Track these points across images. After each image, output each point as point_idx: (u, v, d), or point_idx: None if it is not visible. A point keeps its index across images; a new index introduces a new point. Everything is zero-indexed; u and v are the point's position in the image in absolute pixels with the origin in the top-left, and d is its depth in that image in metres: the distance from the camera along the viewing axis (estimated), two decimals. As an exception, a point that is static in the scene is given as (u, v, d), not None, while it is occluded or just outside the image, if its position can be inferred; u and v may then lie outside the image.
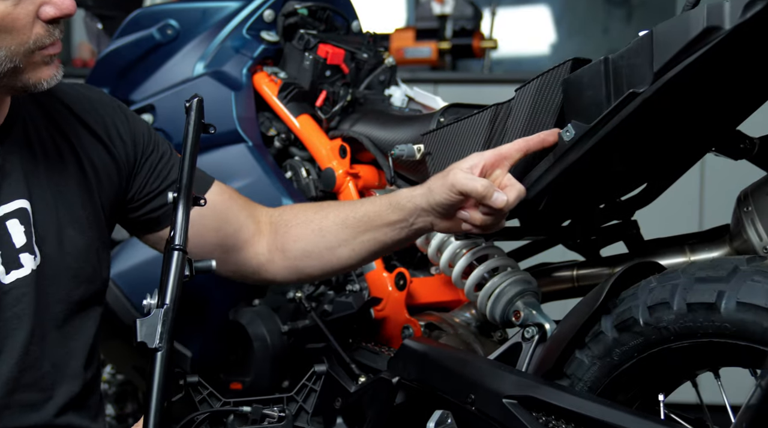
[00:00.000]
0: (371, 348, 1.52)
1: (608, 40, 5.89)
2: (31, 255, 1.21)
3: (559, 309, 1.42)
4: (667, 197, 1.45)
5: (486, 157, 1.23)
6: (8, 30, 1.10)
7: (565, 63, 1.23)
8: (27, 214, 1.22)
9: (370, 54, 1.73)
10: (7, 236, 1.19)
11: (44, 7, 1.12)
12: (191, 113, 1.21)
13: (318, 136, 1.65)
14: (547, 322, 1.36)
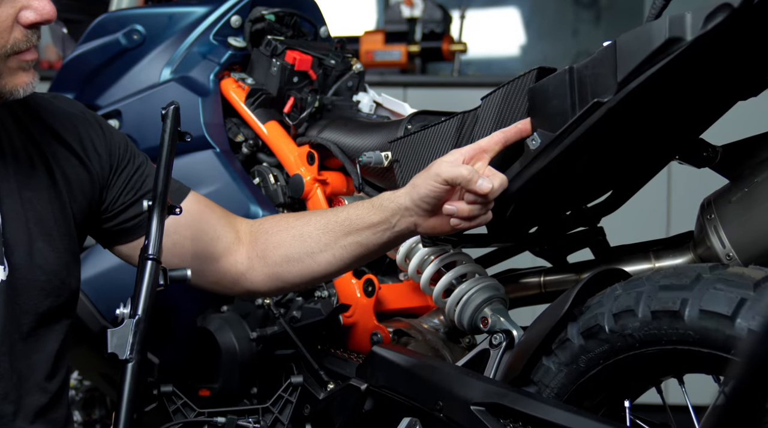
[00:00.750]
0: (340, 354, 1.52)
1: (577, 42, 5.95)
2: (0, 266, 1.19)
3: (527, 316, 1.43)
4: (634, 204, 1.47)
5: (465, 151, 1.22)
6: None
7: (530, 72, 1.24)
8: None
9: (338, 60, 1.73)
10: None
11: (24, 11, 1.11)
12: (167, 120, 1.20)
13: (286, 142, 1.65)
14: (515, 329, 1.37)
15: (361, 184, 1.49)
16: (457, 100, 3.78)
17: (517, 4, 5.81)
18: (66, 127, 1.30)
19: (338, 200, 1.60)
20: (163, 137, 1.19)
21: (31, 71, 1.16)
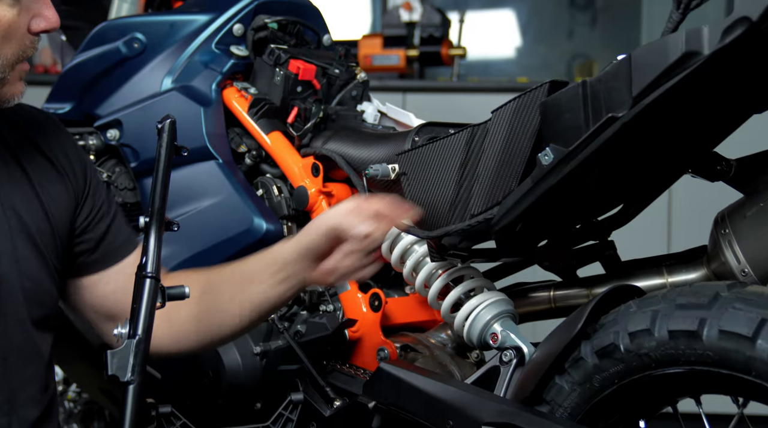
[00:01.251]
0: (346, 371, 1.50)
1: (573, 44, 5.93)
2: None
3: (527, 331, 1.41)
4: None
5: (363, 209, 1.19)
6: (12, 38, 1.10)
7: (542, 85, 1.22)
8: None
9: (342, 69, 1.70)
10: None
11: (36, 19, 1.12)
12: (163, 134, 1.17)
13: (290, 153, 1.62)
14: (525, 345, 1.35)
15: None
16: (457, 105, 3.78)
17: (513, 7, 5.79)
18: (44, 137, 1.29)
19: (343, 212, 1.57)
20: (159, 152, 1.16)
21: (23, 80, 1.17)
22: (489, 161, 1.27)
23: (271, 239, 1.58)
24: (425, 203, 1.36)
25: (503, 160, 1.25)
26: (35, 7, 1.13)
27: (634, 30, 5.72)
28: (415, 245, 1.51)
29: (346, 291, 1.55)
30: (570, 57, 5.94)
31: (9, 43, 1.10)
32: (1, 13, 1.09)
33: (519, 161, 1.23)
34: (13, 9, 1.09)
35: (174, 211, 1.64)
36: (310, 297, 1.58)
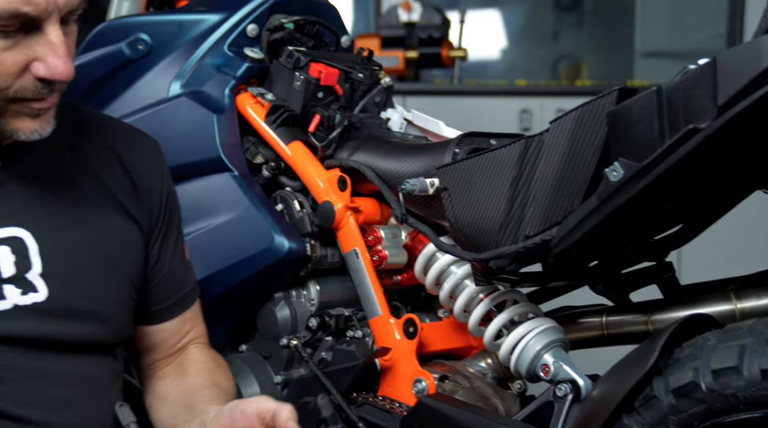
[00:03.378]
0: (379, 404, 1.37)
1: (558, 46, 5.85)
2: (18, 289, 1.09)
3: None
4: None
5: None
6: None
7: (610, 93, 1.10)
8: (22, 245, 1.11)
9: (366, 74, 1.57)
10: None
11: (36, 63, 1.03)
12: None
13: (313, 165, 1.49)
14: (581, 379, 1.22)
15: (405, 215, 1.34)
16: (458, 108, 3.67)
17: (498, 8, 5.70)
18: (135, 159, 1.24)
19: (372, 229, 1.44)
20: None
21: (42, 118, 1.07)
22: (546, 177, 1.14)
23: (294, 259, 1.45)
24: (470, 221, 1.23)
25: (563, 175, 1.13)
26: (40, 51, 1.03)
27: (626, 31, 5.65)
28: (453, 267, 1.38)
29: (376, 316, 1.42)
30: (555, 59, 5.86)
31: None
32: None
33: (582, 176, 1.11)
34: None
35: (188, 227, 1.50)
36: (336, 322, 1.45)
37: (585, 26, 5.98)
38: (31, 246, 1.11)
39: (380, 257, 1.42)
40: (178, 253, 1.32)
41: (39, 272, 1.11)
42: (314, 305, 1.50)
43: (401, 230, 1.46)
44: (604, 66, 5.72)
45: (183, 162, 1.54)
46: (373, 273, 1.43)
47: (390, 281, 1.47)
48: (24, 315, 1.09)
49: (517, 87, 4.12)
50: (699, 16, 5.13)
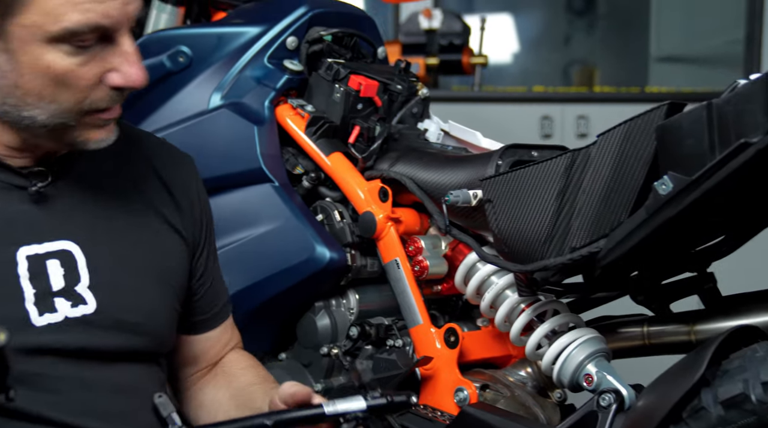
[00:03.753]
0: (421, 412, 1.38)
1: (570, 51, 5.86)
2: (67, 301, 1.10)
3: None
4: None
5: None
6: (67, 86, 1.03)
7: (659, 107, 1.11)
8: (71, 258, 1.12)
9: (404, 85, 1.59)
10: (44, 277, 1.09)
11: (112, 73, 1.05)
12: None
13: (353, 176, 1.51)
14: (625, 389, 1.24)
15: (448, 226, 1.36)
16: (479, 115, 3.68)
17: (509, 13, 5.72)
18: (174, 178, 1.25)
19: (413, 240, 1.46)
20: None
21: (107, 127, 1.10)
22: (593, 190, 1.16)
23: (334, 269, 1.47)
24: (515, 233, 1.25)
25: (611, 188, 1.14)
26: (115, 62, 1.05)
27: (641, 36, 5.65)
28: (493, 277, 1.40)
29: (417, 326, 1.44)
30: (567, 63, 5.87)
31: (66, 91, 1.04)
32: (54, 60, 1.02)
33: (630, 189, 1.12)
34: (72, 58, 1.02)
35: (227, 237, 1.53)
36: (377, 331, 1.47)
37: (598, 31, 5.98)
38: (79, 259, 1.12)
39: (421, 267, 1.43)
40: (217, 265, 1.34)
41: (87, 284, 1.12)
42: (353, 314, 1.51)
43: (441, 240, 1.48)
44: (617, 71, 5.73)
45: (223, 173, 1.56)
46: (413, 283, 1.45)
47: (430, 290, 1.49)
48: (74, 327, 1.10)
49: (538, 94, 4.14)
50: (714, 21, 5.12)
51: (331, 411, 1.02)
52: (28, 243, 1.09)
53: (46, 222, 1.11)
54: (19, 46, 1.01)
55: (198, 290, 1.29)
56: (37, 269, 1.09)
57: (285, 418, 1.02)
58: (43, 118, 1.04)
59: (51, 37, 1.00)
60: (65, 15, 0.99)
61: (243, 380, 1.30)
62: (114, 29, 1.03)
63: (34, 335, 1.07)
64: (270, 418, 1.01)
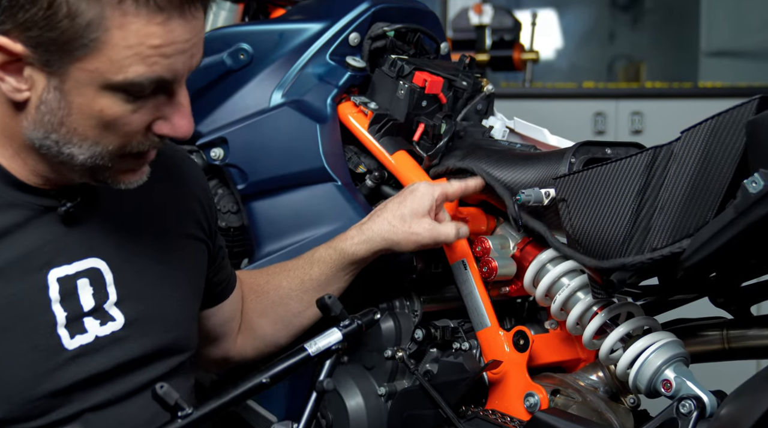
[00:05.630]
0: (490, 418, 1.35)
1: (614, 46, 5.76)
2: (96, 320, 1.10)
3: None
4: None
5: (435, 194, 1.36)
6: (114, 131, 1.01)
7: (750, 102, 1.06)
8: (100, 275, 1.12)
9: (469, 82, 1.55)
10: (75, 298, 1.09)
11: (160, 122, 1.04)
12: None
13: (419, 175, 1.47)
14: (706, 395, 1.19)
15: (520, 218, 1.31)
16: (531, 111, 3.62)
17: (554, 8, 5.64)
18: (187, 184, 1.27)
19: (480, 240, 1.42)
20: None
21: (141, 170, 1.09)
22: (676, 188, 1.11)
23: (399, 270, 1.44)
24: (591, 232, 1.21)
25: (696, 186, 1.10)
26: (167, 111, 1.04)
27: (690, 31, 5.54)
28: (565, 278, 1.36)
29: (485, 328, 1.40)
30: (611, 59, 5.77)
31: (112, 134, 1.02)
32: (108, 105, 1.00)
33: (717, 188, 1.08)
34: (126, 104, 1.00)
35: (289, 238, 1.51)
36: (442, 334, 1.44)
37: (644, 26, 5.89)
38: (107, 276, 1.12)
39: (490, 268, 1.40)
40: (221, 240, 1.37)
41: (114, 301, 1.12)
42: (418, 316, 1.48)
43: (509, 240, 1.44)
44: (666, 66, 5.63)
45: (285, 172, 1.54)
46: (481, 284, 1.41)
47: (497, 292, 1.45)
48: (105, 346, 1.10)
49: (589, 89, 4.06)
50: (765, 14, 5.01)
51: (314, 351, 1.12)
52: (59, 264, 1.08)
53: (75, 241, 1.10)
54: (74, 86, 0.99)
55: (218, 275, 1.35)
56: (68, 291, 1.08)
57: (278, 371, 1.11)
58: (82, 157, 1.03)
59: (110, 85, 0.98)
60: (130, 67, 0.97)
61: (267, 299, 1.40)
62: (174, 81, 1.02)
63: (67, 360, 1.06)
64: (265, 375, 1.09)
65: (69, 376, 1.06)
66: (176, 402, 0.99)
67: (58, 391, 1.04)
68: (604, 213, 1.19)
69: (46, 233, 1.07)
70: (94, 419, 1.07)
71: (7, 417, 1.02)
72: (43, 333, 1.05)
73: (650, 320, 1.30)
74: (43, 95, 1.00)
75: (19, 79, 1.00)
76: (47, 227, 1.08)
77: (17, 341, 1.03)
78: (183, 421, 0.99)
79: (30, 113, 1.01)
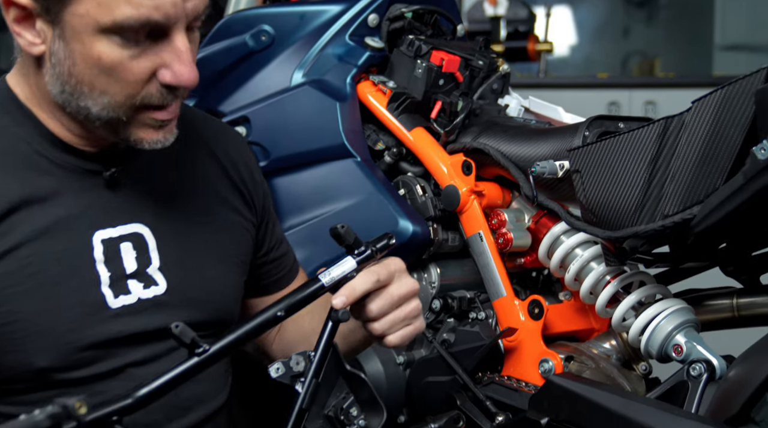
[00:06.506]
0: (506, 383, 1.39)
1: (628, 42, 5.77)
2: (140, 283, 1.14)
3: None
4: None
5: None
6: (117, 78, 1.03)
7: (759, 71, 1.10)
8: (143, 240, 1.15)
9: (485, 61, 1.59)
10: (118, 260, 1.13)
11: (162, 70, 1.05)
12: None
13: (436, 150, 1.52)
14: (716, 358, 1.23)
15: (536, 196, 1.36)
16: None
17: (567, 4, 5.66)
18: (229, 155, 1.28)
19: (496, 213, 1.47)
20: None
21: (165, 129, 1.10)
22: (687, 156, 1.15)
23: (418, 243, 1.48)
24: (604, 202, 1.25)
25: (706, 154, 1.13)
26: (166, 58, 1.04)
27: (704, 25, 5.55)
28: (578, 249, 1.40)
29: (501, 298, 1.44)
30: (625, 55, 5.79)
31: (116, 83, 1.04)
32: (104, 50, 1.02)
33: (726, 155, 1.12)
34: (123, 50, 1.02)
35: (311, 212, 1.56)
36: (459, 304, 1.48)
37: (657, 22, 5.89)
38: (150, 242, 1.15)
39: (506, 239, 1.44)
40: (279, 229, 1.38)
41: (157, 266, 1.15)
42: (435, 287, 1.52)
43: (524, 214, 1.48)
44: (680, 60, 5.64)
45: (306, 149, 1.58)
46: (497, 255, 1.45)
47: (512, 264, 1.49)
48: (148, 308, 1.14)
49: (603, 79, 4.09)
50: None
51: (328, 281, 1.11)
52: (104, 227, 1.12)
53: (119, 206, 1.14)
54: (72, 34, 1.02)
55: (266, 256, 1.33)
56: (112, 253, 1.12)
57: (293, 302, 1.10)
58: (96, 109, 1.05)
59: (102, 28, 1.00)
60: (117, 8, 0.99)
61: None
62: (168, 26, 1.02)
63: (110, 317, 1.10)
64: (280, 308, 1.08)
65: (112, 332, 1.10)
66: (192, 339, 1.01)
67: (101, 345, 1.09)
68: (617, 183, 1.23)
69: (91, 197, 1.12)
70: (136, 373, 1.11)
71: (55, 365, 1.06)
72: (89, 290, 1.09)
73: (662, 288, 1.34)
74: (52, 47, 1.04)
75: (33, 33, 1.04)
76: (93, 190, 1.12)
77: (65, 295, 1.07)
78: (200, 357, 1.01)
79: (47, 67, 1.06)
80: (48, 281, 1.07)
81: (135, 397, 0.96)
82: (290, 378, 1.07)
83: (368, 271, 1.11)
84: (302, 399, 1.06)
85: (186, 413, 1.17)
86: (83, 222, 1.11)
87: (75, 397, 0.83)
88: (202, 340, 1.02)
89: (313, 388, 1.07)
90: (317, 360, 1.07)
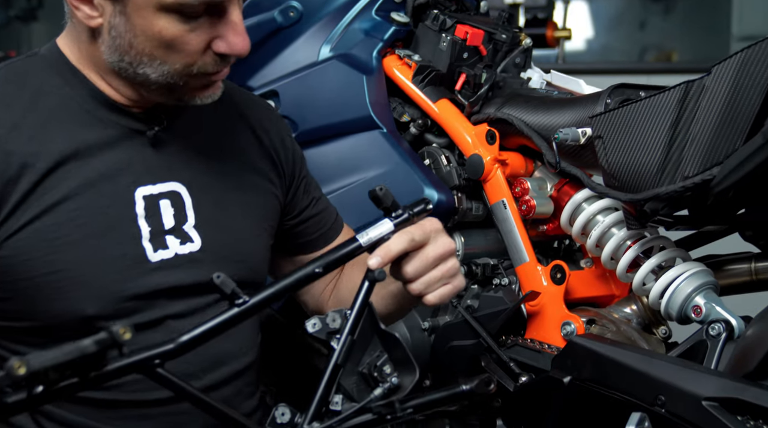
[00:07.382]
0: (529, 345, 1.43)
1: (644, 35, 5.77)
2: (177, 239, 1.19)
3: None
4: None
5: None
6: (177, 50, 1.11)
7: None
8: (180, 198, 1.20)
9: (508, 35, 1.63)
10: (158, 216, 1.18)
11: (217, 40, 1.13)
12: None
13: (461, 121, 1.56)
14: (734, 318, 1.27)
15: (558, 162, 1.40)
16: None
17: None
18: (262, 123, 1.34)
19: (519, 181, 1.51)
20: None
21: (213, 86, 1.18)
22: (708, 118, 1.19)
23: (444, 211, 1.52)
24: (626, 166, 1.28)
25: (726, 117, 1.17)
26: (221, 30, 1.13)
27: (722, 16, 5.54)
28: (599, 215, 1.44)
29: (524, 264, 1.48)
30: (642, 48, 5.79)
31: (175, 54, 1.12)
32: (165, 26, 1.10)
33: (746, 117, 1.15)
34: (182, 24, 1.10)
35: (338, 182, 1.60)
36: (483, 270, 1.52)
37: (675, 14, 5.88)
38: (186, 200, 1.21)
39: (528, 206, 1.48)
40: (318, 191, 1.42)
41: (193, 223, 1.21)
42: (459, 256, 1.56)
43: (547, 182, 1.52)
44: (697, 51, 5.63)
45: (333, 121, 1.63)
46: (520, 222, 1.49)
47: (535, 231, 1.53)
48: (184, 263, 1.19)
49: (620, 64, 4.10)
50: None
51: (366, 242, 1.13)
52: (145, 184, 1.18)
53: (160, 164, 1.20)
54: (134, 9, 1.09)
55: (301, 214, 1.38)
56: (152, 209, 1.17)
57: (331, 259, 1.12)
58: (154, 76, 1.13)
59: (164, 6, 1.08)
60: None
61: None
62: (224, 2, 1.10)
63: (150, 270, 1.15)
64: (318, 264, 1.11)
65: (152, 285, 1.15)
66: (233, 290, 1.05)
67: (142, 296, 1.14)
68: (639, 147, 1.26)
69: (134, 154, 1.18)
70: (174, 325, 1.16)
71: (100, 314, 1.12)
72: (130, 243, 1.15)
73: (681, 251, 1.38)
74: (111, 20, 1.11)
75: (91, 7, 1.11)
76: (136, 148, 1.18)
77: (108, 247, 1.13)
78: (240, 308, 1.05)
79: (105, 38, 1.13)
80: (93, 233, 1.12)
81: (178, 342, 1.01)
82: (326, 334, 1.09)
83: (403, 232, 1.15)
84: (338, 355, 1.08)
85: (219, 367, 1.21)
86: (126, 178, 1.16)
87: (119, 323, 0.87)
88: (241, 291, 1.06)
89: (348, 345, 1.09)
90: (353, 317, 1.10)
